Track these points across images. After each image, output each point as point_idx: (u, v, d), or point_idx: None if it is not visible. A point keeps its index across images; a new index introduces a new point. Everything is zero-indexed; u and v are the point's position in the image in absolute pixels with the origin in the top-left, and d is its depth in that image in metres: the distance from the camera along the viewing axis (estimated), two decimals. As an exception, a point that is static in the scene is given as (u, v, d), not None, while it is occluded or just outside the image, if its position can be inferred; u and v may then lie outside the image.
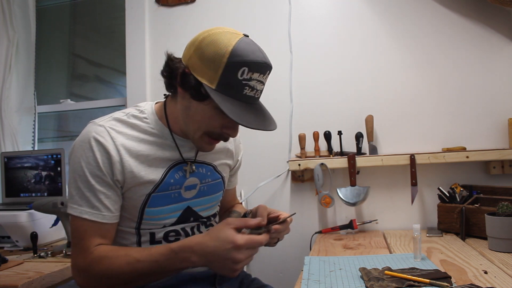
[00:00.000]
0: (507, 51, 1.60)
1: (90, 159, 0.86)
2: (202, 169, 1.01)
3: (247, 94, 0.84)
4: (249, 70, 0.82)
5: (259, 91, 0.87)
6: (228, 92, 0.83)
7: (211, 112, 0.86)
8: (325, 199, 1.63)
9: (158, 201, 0.93)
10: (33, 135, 2.17)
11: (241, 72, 0.82)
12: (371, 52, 1.72)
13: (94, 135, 0.88)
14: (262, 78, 0.85)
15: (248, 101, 0.85)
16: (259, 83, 0.85)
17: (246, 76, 0.82)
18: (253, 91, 0.84)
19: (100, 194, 0.86)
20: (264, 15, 1.84)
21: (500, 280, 0.89)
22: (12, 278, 1.11)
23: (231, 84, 0.82)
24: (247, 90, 0.83)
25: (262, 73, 0.85)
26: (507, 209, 1.14)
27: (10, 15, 2.11)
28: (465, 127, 1.62)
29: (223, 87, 0.83)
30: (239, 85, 0.82)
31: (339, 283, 0.93)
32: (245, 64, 0.81)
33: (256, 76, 0.83)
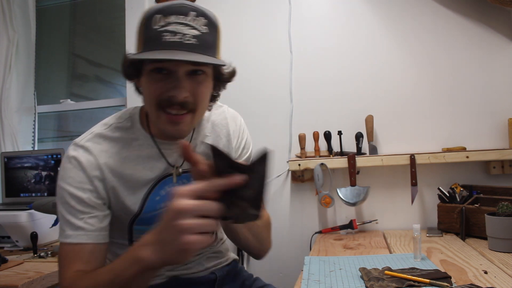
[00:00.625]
0: (507, 51, 1.60)
1: (70, 181, 0.82)
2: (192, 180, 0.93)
3: (169, 40, 0.74)
4: (162, 16, 0.75)
5: (186, 34, 0.75)
6: (149, 46, 0.76)
7: (147, 79, 0.80)
8: (325, 199, 1.63)
9: (146, 221, 0.87)
10: (33, 135, 2.17)
11: (155, 20, 0.75)
12: (371, 52, 1.72)
13: (75, 155, 0.83)
14: (184, 20, 0.75)
15: (174, 47, 0.74)
16: (181, 25, 0.75)
17: (161, 23, 0.75)
18: (176, 35, 0.74)
19: (82, 215, 0.81)
20: (264, 15, 1.84)
21: (500, 280, 0.89)
22: (12, 278, 1.12)
23: (150, 38, 0.76)
24: (167, 36, 0.74)
25: (181, 13, 0.75)
26: (507, 209, 1.14)
27: (10, 15, 2.11)
28: (465, 127, 1.62)
29: (145, 45, 0.77)
30: (157, 34, 0.75)
31: (339, 283, 0.93)
32: (156, 11, 0.76)
33: (173, 19, 0.75)
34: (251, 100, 1.81)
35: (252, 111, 1.80)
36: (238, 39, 1.85)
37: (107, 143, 0.86)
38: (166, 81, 0.78)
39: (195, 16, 0.77)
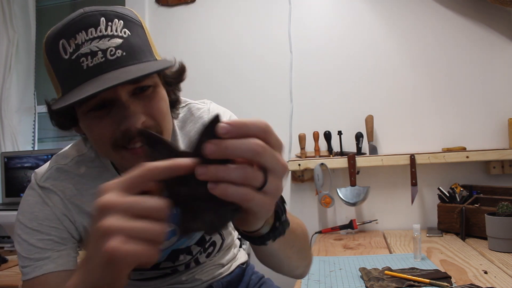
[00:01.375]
0: (507, 51, 1.60)
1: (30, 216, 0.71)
2: None
3: (91, 65, 0.57)
4: (67, 38, 0.58)
5: (108, 48, 0.58)
6: (69, 84, 0.59)
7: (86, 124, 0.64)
8: (325, 199, 1.63)
9: None
10: (33, 135, 2.17)
11: (62, 48, 0.58)
12: (371, 52, 1.72)
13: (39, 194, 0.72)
14: (97, 32, 0.58)
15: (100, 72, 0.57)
16: (96, 40, 0.58)
17: (70, 49, 0.58)
18: (96, 56, 0.57)
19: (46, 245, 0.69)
20: (264, 15, 1.84)
21: (500, 280, 0.89)
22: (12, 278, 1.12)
23: (66, 73, 0.59)
24: (85, 62, 0.57)
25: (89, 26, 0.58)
26: (507, 209, 1.14)
27: (10, 15, 2.11)
28: (465, 127, 1.62)
29: (63, 84, 0.60)
30: (72, 64, 0.58)
31: (339, 283, 0.93)
32: (57, 37, 0.59)
33: (82, 37, 0.57)
34: (251, 100, 1.81)
35: (252, 111, 1.80)
36: (238, 39, 1.85)
37: (70, 180, 0.73)
38: (111, 115, 0.61)
39: (106, 22, 0.59)
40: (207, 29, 1.89)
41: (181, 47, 1.91)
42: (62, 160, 0.76)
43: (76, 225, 0.73)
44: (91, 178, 0.74)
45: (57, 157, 0.77)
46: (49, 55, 0.61)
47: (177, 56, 0.90)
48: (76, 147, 0.78)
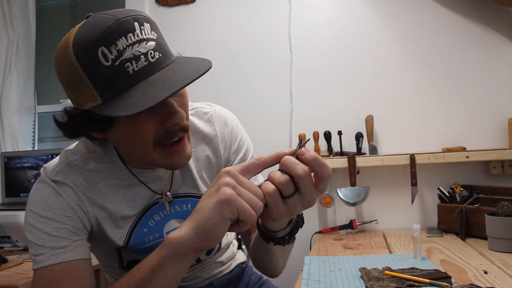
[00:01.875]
0: (507, 51, 1.60)
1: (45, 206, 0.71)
2: (187, 205, 0.82)
3: (137, 69, 0.60)
4: (107, 47, 0.59)
5: (150, 51, 0.61)
6: (112, 90, 0.60)
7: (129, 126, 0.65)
8: (325, 199, 1.63)
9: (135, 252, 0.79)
10: (33, 135, 2.17)
11: (102, 56, 0.59)
12: (371, 52, 1.72)
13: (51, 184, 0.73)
14: (134, 37, 0.60)
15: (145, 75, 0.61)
16: (136, 45, 0.60)
17: (112, 56, 0.59)
18: (140, 60, 0.60)
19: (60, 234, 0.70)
20: (264, 15, 1.84)
21: (500, 280, 0.89)
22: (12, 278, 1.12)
23: (110, 80, 0.60)
24: (131, 66, 0.60)
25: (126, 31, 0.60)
26: (507, 209, 1.14)
27: (10, 15, 2.11)
28: (465, 127, 1.62)
29: (104, 93, 0.61)
30: (116, 70, 0.59)
31: (339, 283, 0.93)
32: (94, 45, 0.59)
33: (123, 44, 0.59)
34: (251, 100, 1.81)
35: (252, 111, 1.80)
36: (238, 39, 1.85)
37: (80, 174, 0.74)
38: (154, 114, 0.64)
39: (139, 26, 0.62)
40: (207, 29, 1.89)
41: (181, 47, 1.90)
42: (72, 155, 0.77)
43: (89, 216, 0.74)
44: (100, 173, 0.75)
45: (66, 152, 0.78)
46: (83, 64, 0.60)
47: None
48: (85, 144, 0.78)
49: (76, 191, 0.73)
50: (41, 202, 0.71)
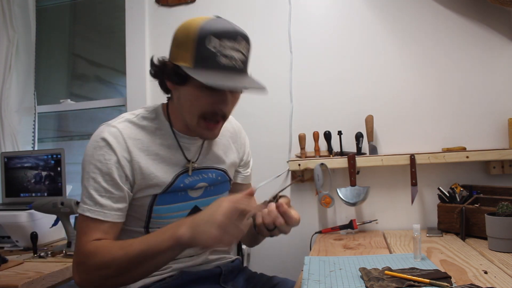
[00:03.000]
0: (507, 51, 1.60)
1: (99, 157, 0.88)
2: (212, 174, 1.03)
3: (224, 64, 0.83)
4: (217, 38, 0.83)
5: (238, 60, 0.85)
6: (204, 65, 0.83)
7: (195, 91, 0.87)
8: (325, 199, 1.63)
9: (166, 200, 0.95)
10: (33, 135, 2.17)
11: (209, 41, 0.82)
12: (371, 52, 1.72)
13: (106, 135, 0.89)
14: (237, 46, 0.85)
15: (227, 71, 0.84)
16: (234, 51, 0.84)
17: (216, 45, 0.83)
18: (230, 60, 0.84)
19: (105, 192, 0.87)
20: (264, 15, 1.84)
21: (500, 280, 0.89)
22: (12, 278, 1.12)
23: (204, 57, 0.83)
24: (222, 59, 0.83)
25: (234, 39, 0.84)
26: (507, 209, 1.14)
27: (10, 15, 2.11)
28: (465, 127, 1.62)
29: (197, 62, 0.84)
30: (212, 55, 0.82)
31: (339, 283, 0.93)
32: (211, 33, 0.83)
33: (227, 44, 0.83)
34: (251, 100, 1.81)
35: (252, 111, 1.80)
36: (238, 39, 1.85)
37: (135, 128, 0.94)
38: (214, 95, 0.87)
39: (241, 41, 0.86)
40: (207, 29, 1.89)
41: (181, 47, 1.91)
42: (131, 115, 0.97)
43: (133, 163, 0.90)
44: (148, 132, 0.95)
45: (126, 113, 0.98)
46: (198, 38, 0.83)
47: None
48: (143, 108, 0.99)
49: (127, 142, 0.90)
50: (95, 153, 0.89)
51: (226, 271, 1.03)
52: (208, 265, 1.03)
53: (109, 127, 0.92)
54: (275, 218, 0.85)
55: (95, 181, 0.87)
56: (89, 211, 0.86)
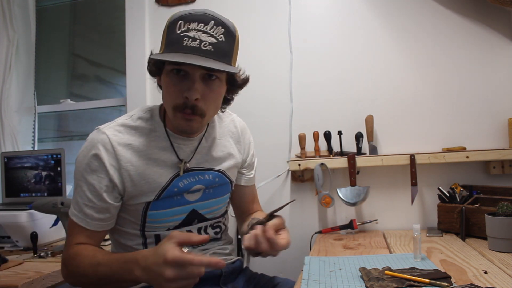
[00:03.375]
0: (507, 51, 1.60)
1: (86, 168, 0.89)
2: (209, 175, 1.01)
3: (189, 45, 0.82)
4: (185, 22, 0.84)
5: (205, 41, 0.83)
6: (171, 49, 0.84)
7: (166, 79, 0.88)
8: (325, 199, 1.63)
9: (160, 205, 0.94)
10: (33, 135, 2.17)
11: (178, 26, 0.84)
12: (371, 52, 1.72)
13: (95, 143, 0.90)
14: (204, 28, 0.84)
15: (191, 52, 0.82)
16: (201, 33, 0.83)
17: (183, 28, 0.83)
18: (195, 41, 0.82)
19: (88, 202, 0.89)
20: (264, 15, 1.84)
21: (500, 280, 0.89)
22: (12, 278, 1.11)
23: (172, 41, 0.84)
24: (187, 41, 0.82)
25: (202, 22, 0.84)
26: (507, 209, 1.14)
27: (10, 15, 2.11)
28: (465, 127, 1.62)
29: (166, 47, 0.85)
30: (179, 38, 0.83)
31: (339, 283, 0.93)
32: (180, 18, 0.85)
33: (194, 26, 0.83)
34: (251, 100, 1.81)
35: (252, 111, 1.80)
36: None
37: (127, 132, 0.93)
38: (182, 82, 0.86)
39: (214, 25, 0.85)
40: (207, 29, 1.89)
41: (181, 47, 1.91)
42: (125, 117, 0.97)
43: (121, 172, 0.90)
44: (142, 134, 0.94)
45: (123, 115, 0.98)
46: (168, 25, 0.86)
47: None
48: (139, 109, 1.00)
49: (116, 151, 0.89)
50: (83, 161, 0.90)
51: (226, 272, 1.03)
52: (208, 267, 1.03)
53: (99, 133, 0.92)
54: (259, 244, 0.83)
55: (81, 190, 0.90)
56: (74, 216, 0.90)
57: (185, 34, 0.83)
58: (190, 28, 0.83)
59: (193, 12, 0.85)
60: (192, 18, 0.84)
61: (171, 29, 0.85)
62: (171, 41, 0.84)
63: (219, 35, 0.85)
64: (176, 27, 0.84)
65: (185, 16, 0.84)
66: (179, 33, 0.83)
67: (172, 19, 0.86)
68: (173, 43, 0.83)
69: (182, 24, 0.83)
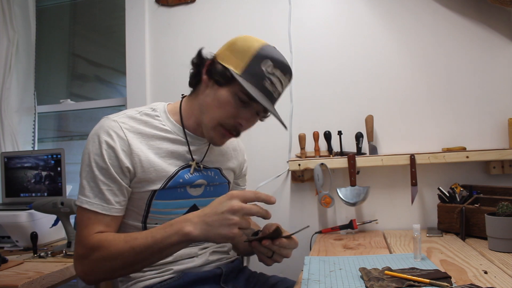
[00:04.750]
0: (507, 51, 1.60)
1: (98, 151, 0.89)
2: (211, 172, 1.05)
3: (267, 87, 0.89)
4: (273, 65, 0.90)
5: (278, 91, 0.93)
6: (250, 79, 0.89)
7: (229, 97, 0.91)
8: (325, 199, 1.63)
9: (165, 195, 0.95)
10: (33, 135, 2.17)
11: (266, 64, 0.89)
12: (371, 52, 1.72)
13: (106, 128, 0.91)
14: (283, 78, 0.92)
15: (265, 94, 0.90)
16: (279, 82, 0.92)
17: (269, 70, 0.89)
18: (272, 87, 0.91)
19: (103, 186, 0.88)
20: (264, 15, 1.84)
21: (500, 280, 0.89)
22: (12, 278, 1.11)
23: (255, 73, 0.89)
24: (267, 83, 0.89)
25: (284, 72, 0.92)
26: (507, 209, 1.14)
27: (10, 15, 2.11)
28: (465, 127, 1.62)
29: (245, 74, 0.89)
30: (262, 76, 0.89)
31: (339, 283, 0.93)
32: (271, 58, 0.90)
33: (278, 73, 0.91)
34: (251, 100, 1.81)
35: (252, 111, 1.80)
36: (238, 39, 1.85)
37: (137, 123, 0.95)
38: (242, 109, 0.92)
39: (288, 78, 0.94)
40: (207, 29, 1.89)
41: (181, 47, 1.91)
42: (132, 111, 0.99)
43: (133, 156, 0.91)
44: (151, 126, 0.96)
45: (128, 109, 1.00)
46: (256, 55, 0.90)
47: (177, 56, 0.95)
48: (145, 106, 1.01)
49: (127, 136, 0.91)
50: (94, 146, 0.89)
51: (226, 271, 1.04)
52: (208, 266, 1.03)
53: (109, 120, 0.93)
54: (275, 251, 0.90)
55: (94, 174, 0.88)
56: (87, 203, 0.87)
57: (270, 76, 0.90)
58: (275, 74, 0.90)
59: (283, 60, 0.92)
60: (280, 65, 0.91)
61: (257, 61, 0.90)
62: (254, 73, 0.89)
63: (286, 86, 0.96)
64: (262, 63, 0.89)
65: (275, 60, 0.90)
66: (264, 72, 0.89)
67: (262, 53, 0.91)
68: (255, 76, 0.89)
69: (270, 65, 0.90)
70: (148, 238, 0.80)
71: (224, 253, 1.10)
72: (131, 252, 0.81)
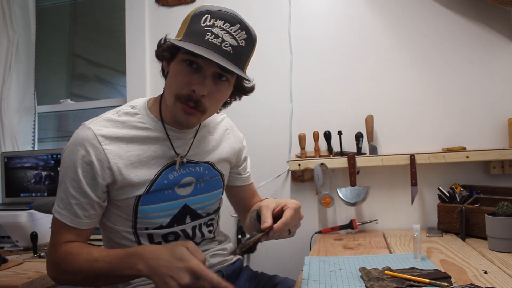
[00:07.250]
0: (507, 51, 1.60)
1: (72, 163, 0.87)
2: (200, 168, 0.99)
3: (210, 40, 0.81)
4: (211, 17, 0.83)
5: (226, 42, 0.82)
6: (191, 39, 0.82)
7: (177, 66, 0.86)
8: (325, 199, 1.63)
9: (151, 200, 0.92)
10: (33, 135, 2.17)
11: (204, 19, 0.83)
12: (371, 52, 1.72)
13: (80, 141, 0.88)
14: (229, 28, 0.83)
15: (211, 47, 0.81)
16: (224, 32, 0.82)
17: (208, 23, 0.82)
18: (217, 39, 0.82)
19: (72, 199, 0.87)
20: (264, 15, 1.84)
21: (500, 280, 0.89)
22: (12, 278, 1.12)
23: (194, 31, 0.83)
24: (209, 36, 0.81)
25: (228, 22, 0.83)
26: (507, 209, 1.14)
27: (10, 15, 2.11)
28: (465, 127, 1.62)
29: (186, 36, 0.84)
30: (202, 31, 0.82)
31: (339, 283, 0.93)
32: (208, 12, 0.83)
33: (220, 24, 0.82)
34: (251, 100, 1.80)
35: (252, 111, 1.80)
36: (238, 39, 1.85)
37: (114, 126, 0.92)
38: (193, 75, 0.85)
39: (239, 29, 0.85)
40: (207, 29, 1.89)
41: (181, 47, 1.91)
42: (112, 112, 0.97)
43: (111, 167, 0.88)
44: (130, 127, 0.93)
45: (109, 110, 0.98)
46: (193, 16, 0.85)
47: (177, 56, 0.93)
48: (125, 105, 0.99)
49: (103, 146, 0.88)
50: (68, 157, 0.88)
51: (227, 274, 1.03)
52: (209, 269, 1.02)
53: (84, 129, 0.90)
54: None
55: (65, 186, 0.87)
56: (58, 213, 0.88)
57: (209, 29, 0.82)
58: (216, 25, 0.82)
59: (223, 10, 0.84)
60: (219, 15, 0.83)
61: (195, 20, 0.84)
62: (193, 31, 0.83)
63: (241, 39, 0.85)
64: (201, 19, 0.83)
65: (213, 12, 0.83)
66: (203, 26, 0.82)
67: (198, 11, 0.85)
68: (195, 34, 0.82)
69: (208, 18, 0.82)
70: (106, 263, 0.80)
71: (225, 256, 1.08)
72: (91, 273, 0.81)
